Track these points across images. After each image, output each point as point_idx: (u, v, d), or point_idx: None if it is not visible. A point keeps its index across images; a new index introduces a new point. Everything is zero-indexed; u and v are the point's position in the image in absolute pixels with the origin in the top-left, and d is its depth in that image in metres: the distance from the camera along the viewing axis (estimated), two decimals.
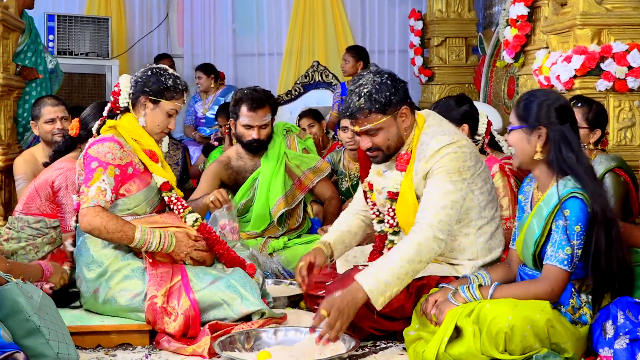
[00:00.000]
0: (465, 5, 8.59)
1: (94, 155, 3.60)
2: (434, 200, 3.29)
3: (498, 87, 7.49)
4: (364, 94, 3.33)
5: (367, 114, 3.35)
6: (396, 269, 3.16)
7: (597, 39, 4.81)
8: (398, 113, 3.39)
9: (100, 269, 3.58)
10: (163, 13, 9.49)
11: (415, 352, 3.15)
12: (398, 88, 3.38)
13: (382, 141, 3.41)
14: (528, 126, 3.10)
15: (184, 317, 3.42)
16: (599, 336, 3.00)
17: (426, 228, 3.24)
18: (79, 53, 7.97)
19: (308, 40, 9.39)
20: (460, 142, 3.37)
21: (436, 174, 3.33)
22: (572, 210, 2.98)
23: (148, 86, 3.75)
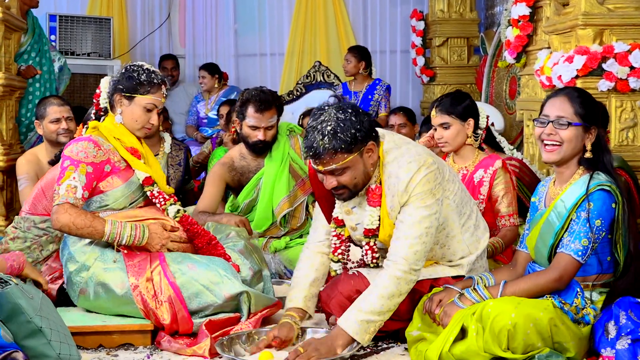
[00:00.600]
0: (467, 6, 8.60)
1: (67, 155, 3.63)
2: (408, 230, 3.23)
3: (500, 87, 7.48)
4: (328, 132, 3.13)
5: (332, 153, 3.15)
6: (377, 307, 3.18)
7: (599, 39, 4.81)
8: (364, 149, 3.21)
9: (77, 264, 3.61)
10: (165, 13, 9.49)
11: (417, 351, 3.15)
12: (363, 122, 3.18)
13: (349, 180, 3.24)
14: (586, 124, 3.12)
15: (169, 304, 3.45)
16: (601, 336, 3.00)
17: (401, 262, 3.21)
18: (81, 53, 7.97)
19: (310, 40, 9.39)
20: (426, 161, 3.26)
21: (410, 203, 3.25)
22: (597, 204, 3.02)
23: (121, 83, 3.75)
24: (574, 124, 3.13)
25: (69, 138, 5.00)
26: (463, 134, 4.11)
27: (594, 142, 3.14)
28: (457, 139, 4.12)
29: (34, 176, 4.94)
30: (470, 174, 4.11)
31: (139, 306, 3.50)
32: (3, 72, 5.19)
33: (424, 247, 3.24)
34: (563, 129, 3.14)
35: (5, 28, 5.26)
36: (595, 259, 3.09)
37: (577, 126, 3.13)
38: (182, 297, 3.46)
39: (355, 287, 3.36)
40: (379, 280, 3.22)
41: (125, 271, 3.54)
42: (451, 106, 4.11)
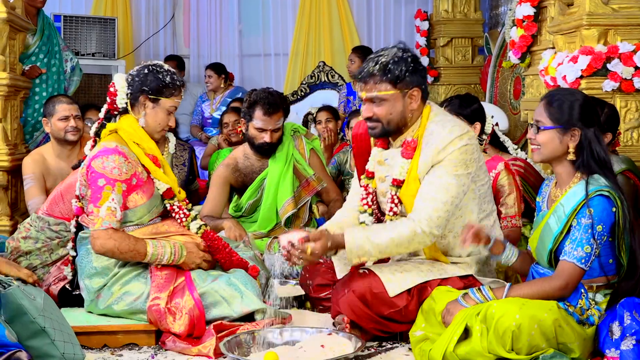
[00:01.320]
0: (472, 6, 8.58)
1: (100, 172, 3.52)
2: (436, 194, 3.30)
3: (504, 87, 7.48)
4: (380, 63, 3.33)
5: (377, 80, 3.34)
6: (382, 246, 3.27)
7: (603, 39, 4.80)
8: (408, 92, 3.36)
9: (103, 279, 3.58)
10: (169, 13, 9.50)
11: (421, 351, 3.15)
12: (417, 69, 3.36)
13: (384, 114, 3.38)
14: (562, 127, 3.11)
15: (189, 316, 3.42)
16: (605, 337, 2.99)
17: (425, 222, 3.27)
18: (86, 53, 7.97)
19: (314, 40, 9.39)
20: (469, 133, 3.37)
21: (443, 165, 3.31)
22: (597, 210, 3.00)
23: (146, 85, 3.67)
24: (544, 128, 3.13)
25: (77, 136, 5.01)
26: None
27: (581, 143, 3.10)
28: None
29: (39, 176, 4.94)
30: None
31: (149, 317, 3.47)
32: (8, 73, 5.20)
33: (446, 215, 3.30)
34: (537, 134, 3.16)
35: (9, 28, 5.26)
36: (597, 262, 3.08)
37: (548, 130, 3.12)
38: (202, 310, 3.44)
39: (370, 287, 3.37)
40: (399, 225, 3.30)
41: (148, 283, 3.52)
42: (460, 107, 4.12)
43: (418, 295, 3.39)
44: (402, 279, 3.39)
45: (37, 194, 4.88)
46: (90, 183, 3.55)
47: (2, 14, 5.11)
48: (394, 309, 3.36)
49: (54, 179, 4.98)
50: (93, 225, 3.52)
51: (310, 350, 3.18)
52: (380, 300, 3.36)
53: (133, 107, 3.71)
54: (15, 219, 5.26)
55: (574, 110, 3.10)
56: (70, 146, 5.04)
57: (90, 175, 3.56)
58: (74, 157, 5.05)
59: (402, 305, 3.36)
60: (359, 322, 3.38)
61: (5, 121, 5.26)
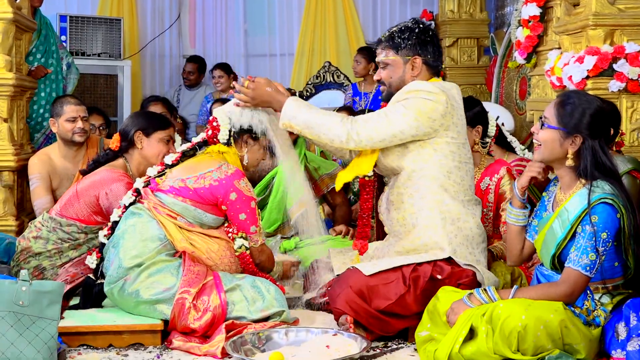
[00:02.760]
0: (477, 6, 8.58)
1: (248, 195, 3.73)
2: (376, 115, 3.54)
3: (510, 87, 7.47)
4: (391, 31, 3.64)
5: (384, 47, 3.63)
6: (309, 118, 3.53)
7: (609, 40, 4.80)
8: (410, 59, 3.58)
9: (139, 259, 3.58)
10: (175, 14, 9.51)
11: (426, 351, 3.15)
12: (421, 40, 3.59)
13: (386, 77, 3.65)
14: (566, 130, 3.09)
15: (212, 314, 3.44)
16: (611, 338, 2.99)
17: (354, 123, 3.49)
18: (91, 54, 7.99)
19: (319, 40, 9.39)
20: (439, 96, 3.47)
21: (397, 102, 3.50)
22: (601, 217, 2.98)
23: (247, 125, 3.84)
24: (548, 126, 3.12)
25: (84, 138, 5.02)
26: (470, 140, 4.09)
27: (581, 151, 3.08)
28: None
29: (45, 176, 4.94)
30: (476, 182, 4.09)
31: (174, 309, 3.47)
32: (14, 73, 5.21)
33: (375, 133, 3.46)
34: (541, 129, 3.15)
35: (16, 29, 5.28)
36: (602, 265, 3.07)
37: (551, 129, 3.11)
38: (225, 311, 3.47)
39: (365, 281, 3.40)
40: (336, 116, 3.55)
41: (179, 276, 3.53)
42: None
43: (414, 286, 3.40)
44: (376, 264, 3.49)
45: (43, 194, 4.88)
46: (242, 206, 3.72)
47: (9, 14, 5.12)
48: (390, 300, 3.38)
49: (59, 180, 4.98)
50: (256, 243, 3.78)
51: (315, 351, 3.18)
52: (375, 294, 3.39)
53: (235, 143, 3.87)
54: (21, 218, 5.27)
55: (584, 117, 3.07)
56: (76, 147, 5.04)
57: (239, 198, 3.71)
58: (80, 157, 5.05)
59: (397, 296, 3.38)
60: (359, 319, 3.40)
61: (11, 121, 5.27)
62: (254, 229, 3.75)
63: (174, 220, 3.68)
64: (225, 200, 3.69)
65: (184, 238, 3.66)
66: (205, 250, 3.68)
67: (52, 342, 3.03)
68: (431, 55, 3.61)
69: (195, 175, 3.71)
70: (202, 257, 3.67)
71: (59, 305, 3.09)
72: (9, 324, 2.96)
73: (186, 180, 3.71)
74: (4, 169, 5.16)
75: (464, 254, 3.49)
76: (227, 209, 3.72)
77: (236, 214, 3.71)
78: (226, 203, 3.70)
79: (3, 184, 5.16)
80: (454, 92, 3.60)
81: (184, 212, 3.69)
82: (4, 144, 5.18)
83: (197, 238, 3.69)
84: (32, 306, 3.01)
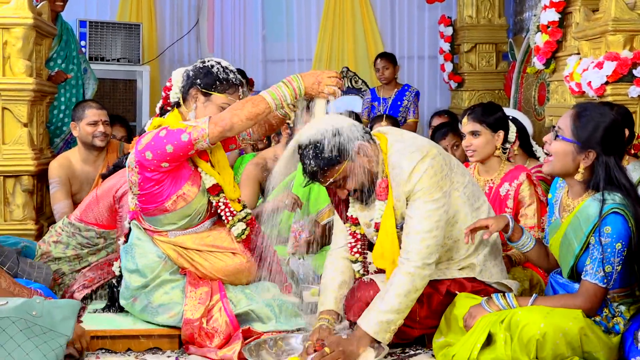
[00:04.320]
0: (496, 11, 8.56)
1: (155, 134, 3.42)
2: (418, 225, 3.25)
3: (528, 93, 7.45)
4: (311, 157, 3.23)
5: (324, 171, 3.25)
6: (395, 305, 3.20)
7: (629, 45, 4.77)
8: (353, 153, 3.25)
9: (143, 279, 3.57)
10: (193, 19, 9.54)
11: (444, 356, 3.14)
12: (339, 131, 3.24)
13: (355, 184, 3.32)
14: (580, 144, 3.05)
15: (224, 334, 3.43)
16: (630, 345, 2.97)
17: (414, 258, 3.22)
18: (111, 59, 8.03)
19: (337, 46, 9.40)
20: (430, 152, 3.28)
21: (417, 197, 3.26)
22: (614, 228, 2.95)
23: (199, 78, 3.57)
24: (562, 138, 3.07)
25: (105, 142, 5.04)
26: (492, 145, 4.08)
27: (594, 166, 3.04)
28: (486, 149, 4.09)
29: (65, 180, 4.97)
30: (496, 187, 4.08)
31: (184, 335, 3.45)
32: (34, 78, 5.24)
33: (436, 241, 3.25)
34: (554, 140, 3.11)
35: (36, 34, 5.31)
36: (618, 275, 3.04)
37: (565, 141, 3.06)
38: (237, 327, 3.44)
39: (374, 293, 3.37)
40: (394, 278, 3.25)
41: (183, 303, 3.49)
42: (483, 115, 4.10)
43: (428, 303, 3.38)
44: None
45: (62, 198, 4.91)
46: (157, 145, 3.40)
47: (29, 19, 5.16)
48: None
49: (79, 184, 5.01)
50: (203, 131, 3.38)
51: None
52: None
53: (185, 101, 3.62)
54: (40, 223, 5.29)
55: (598, 132, 3.02)
56: (96, 151, 5.07)
57: (151, 145, 3.41)
58: (100, 162, 5.08)
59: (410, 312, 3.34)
60: None
61: (31, 126, 5.30)
62: (186, 136, 3.38)
63: (165, 238, 3.61)
64: (150, 165, 3.43)
65: (180, 255, 3.60)
66: (206, 266, 3.60)
67: (60, 350, 3.02)
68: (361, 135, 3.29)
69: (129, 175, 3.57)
70: (205, 272, 3.60)
71: (73, 322, 3.08)
72: (19, 328, 2.96)
73: (132, 188, 3.59)
74: (24, 174, 5.19)
75: (490, 272, 3.47)
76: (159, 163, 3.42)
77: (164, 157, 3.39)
78: (152, 164, 3.43)
79: (23, 188, 5.20)
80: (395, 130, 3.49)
81: (161, 224, 3.59)
82: (23, 148, 5.22)
83: (194, 255, 3.60)
84: (45, 317, 3.00)
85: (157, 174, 3.47)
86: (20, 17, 5.14)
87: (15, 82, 5.15)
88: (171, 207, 3.53)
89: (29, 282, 3.52)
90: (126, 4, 9.12)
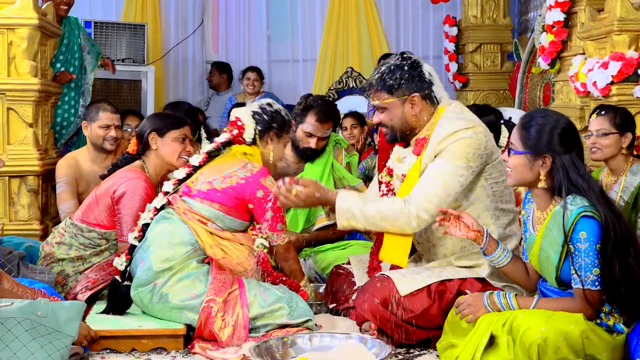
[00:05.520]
0: (501, 11, 8.56)
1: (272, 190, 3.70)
2: (429, 179, 3.37)
3: (533, 93, 7.44)
4: (379, 72, 3.50)
5: (375, 90, 3.51)
6: (369, 215, 3.38)
7: (634, 45, 4.77)
8: (407, 99, 3.47)
9: (169, 263, 3.60)
10: (198, 20, 9.55)
11: (448, 358, 3.14)
12: (413, 76, 3.46)
13: (387, 120, 3.53)
14: (532, 153, 3.04)
15: (233, 328, 3.46)
16: (636, 345, 2.96)
17: (414, 203, 3.35)
18: (116, 59, 8.02)
19: (342, 46, 9.40)
20: (476, 127, 3.40)
21: (443, 155, 3.37)
22: (588, 231, 2.92)
23: (275, 123, 3.92)
24: (515, 152, 3.07)
25: (115, 146, 5.04)
26: None
27: (553, 170, 3.02)
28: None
29: (72, 180, 4.97)
30: None
31: (201, 316, 3.50)
32: (39, 78, 5.25)
33: (437, 201, 3.33)
34: (510, 158, 3.11)
35: (41, 34, 5.32)
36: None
37: (518, 154, 3.06)
38: (247, 325, 3.49)
39: (390, 291, 3.40)
40: (390, 201, 3.43)
41: (208, 283, 3.56)
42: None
43: (439, 300, 3.39)
44: (412, 280, 3.44)
45: (68, 198, 4.91)
46: (265, 202, 3.74)
47: (34, 20, 5.17)
48: (413, 313, 3.37)
49: (86, 184, 5.01)
50: (283, 240, 3.80)
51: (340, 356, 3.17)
52: (400, 304, 3.38)
53: (261, 140, 3.92)
54: (45, 223, 5.30)
55: (544, 136, 3.01)
56: (105, 153, 5.07)
57: (266, 194, 3.73)
58: (109, 163, 5.08)
59: (421, 309, 3.38)
60: (383, 327, 3.41)
61: (36, 126, 5.31)
62: (281, 227, 3.77)
63: (204, 226, 3.70)
64: (252, 198, 3.72)
65: (215, 243, 3.68)
66: (236, 256, 3.70)
67: (65, 350, 3.02)
68: (427, 88, 3.50)
69: (222, 176, 3.74)
70: (232, 263, 3.68)
71: (78, 323, 3.08)
72: (24, 328, 2.97)
73: (213, 182, 3.74)
74: (29, 174, 5.20)
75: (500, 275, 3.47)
76: (253, 207, 3.74)
77: (263, 212, 3.73)
78: (253, 201, 3.72)
79: (28, 189, 5.20)
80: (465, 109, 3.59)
81: (213, 217, 3.71)
82: (28, 148, 5.23)
83: (228, 244, 3.71)
84: (50, 318, 3.01)
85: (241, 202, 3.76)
86: (25, 17, 5.15)
87: (21, 82, 5.16)
88: (232, 214, 3.76)
89: (32, 282, 3.52)
90: (131, 5, 9.15)
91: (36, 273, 3.85)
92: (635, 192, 3.97)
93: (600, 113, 4.08)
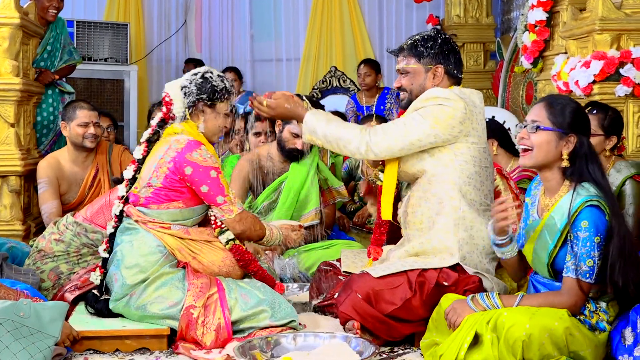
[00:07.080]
0: (484, 11, 8.59)
1: (205, 165, 3.58)
2: (395, 122, 3.55)
3: (516, 92, 7.47)
4: (413, 39, 3.72)
5: (405, 54, 3.69)
6: (327, 134, 3.56)
7: (616, 44, 4.80)
8: (432, 68, 3.62)
9: (143, 274, 3.55)
10: (181, 19, 9.54)
11: (432, 356, 3.14)
12: (443, 50, 3.64)
13: (407, 84, 3.68)
14: (562, 131, 3.06)
15: (216, 333, 3.42)
16: (618, 343, 2.97)
17: (372, 134, 3.52)
18: (98, 59, 8.01)
19: (325, 45, 9.41)
20: (458, 102, 3.48)
21: (416, 110, 3.52)
22: (590, 221, 2.94)
23: (203, 92, 3.70)
24: (543, 128, 3.07)
25: (95, 144, 5.03)
26: None
27: (576, 151, 3.05)
28: None
29: (54, 180, 4.95)
30: None
31: (181, 323, 3.45)
32: (21, 78, 5.22)
33: (394, 141, 3.49)
34: (533, 133, 3.10)
35: (23, 34, 5.29)
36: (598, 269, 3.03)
37: (547, 130, 3.07)
38: (230, 330, 3.44)
39: (371, 285, 3.41)
40: (352, 125, 3.63)
41: (185, 289, 3.51)
42: None
43: (420, 291, 3.40)
44: (386, 267, 3.49)
45: (50, 199, 4.89)
46: (200, 178, 3.59)
47: (15, 19, 5.14)
48: (396, 305, 3.38)
49: (68, 184, 4.99)
50: (230, 213, 3.66)
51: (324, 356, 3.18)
52: (381, 298, 3.40)
53: (192, 115, 3.74)
54: (27, 223, 5.28)
55: (573, 115, 3.06)
56: (86, 152, 5.05)
57: (196, 170, 3.59)
58: (89, 163, 5.07)
59: (402, 301, 3.38)
60: (366, 324, 3.40)
61: (18, 126, 5.28)
62: (222, 199, 3.62)
63: (168, 230, 3.63)
64: (184, 177, 3.59)
65: (183, 247, 3.63)
66: (206, 256, 3.65)
67: (48, 351, 3.00)
68: (452, 64, 3.65)
69: (153, 170, 3.64)
70: (204, 263, 3.64)
71: (61, 323, 3.07)
72: (7, 329, 2.95)
73: (150, 181, 3.64)
74: (11, 174, 5.18)
75: (474, 261, 3.49)
76: (191, 186, 3.61)
77: (198, 188, 3.60)
78: (188, 180, 3.59)
79: (10, 189, 5.18)
80: (474, 97, 3.60)
81: (172, 219, 3.64)
82: (10, 148, 5.20)
83: (196, 245, 3.65)
84: (32, 319, 3.00)
85: (183, 185, 3.63)
86: (6, 17, 5.13)
87: (2, 82, 5.14)
88: (190, 204, 3.65)
89: (14, 283, 3.50)
90: (113, 4, 9.13)
91: (20, 274, 3.82)
92: (618, 190, 3.99)
93: (592, 112, 4.07)
